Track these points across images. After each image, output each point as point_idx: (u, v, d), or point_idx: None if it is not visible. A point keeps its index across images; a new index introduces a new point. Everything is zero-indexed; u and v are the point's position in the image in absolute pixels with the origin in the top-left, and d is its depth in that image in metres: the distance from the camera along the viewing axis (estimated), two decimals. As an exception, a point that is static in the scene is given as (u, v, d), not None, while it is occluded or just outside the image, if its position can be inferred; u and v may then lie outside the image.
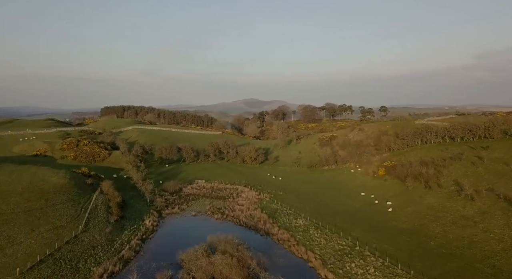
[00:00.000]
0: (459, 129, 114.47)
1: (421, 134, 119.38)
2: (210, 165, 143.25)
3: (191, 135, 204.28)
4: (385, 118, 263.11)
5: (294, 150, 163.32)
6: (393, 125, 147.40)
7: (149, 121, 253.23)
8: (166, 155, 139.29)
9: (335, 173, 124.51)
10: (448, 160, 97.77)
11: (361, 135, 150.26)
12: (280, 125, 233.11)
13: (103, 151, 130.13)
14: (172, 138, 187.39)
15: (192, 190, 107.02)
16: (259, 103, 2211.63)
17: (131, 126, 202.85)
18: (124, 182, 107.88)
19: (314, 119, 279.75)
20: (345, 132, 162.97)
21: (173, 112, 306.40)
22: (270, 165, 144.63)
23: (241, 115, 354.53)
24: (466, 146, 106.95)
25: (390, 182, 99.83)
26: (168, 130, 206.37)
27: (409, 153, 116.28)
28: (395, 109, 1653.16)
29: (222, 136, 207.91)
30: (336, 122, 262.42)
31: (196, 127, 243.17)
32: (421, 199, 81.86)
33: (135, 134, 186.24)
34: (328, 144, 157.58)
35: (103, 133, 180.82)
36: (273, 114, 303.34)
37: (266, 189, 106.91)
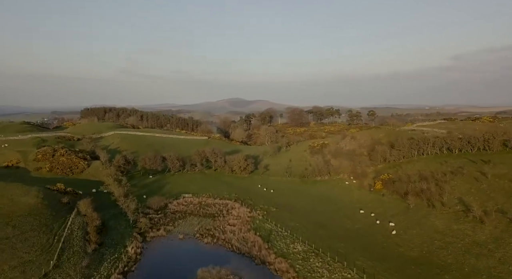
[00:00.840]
0: (457, 140, 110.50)
1: (418, 145, 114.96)
2: (197, 175, 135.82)
3: (176, 140, 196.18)
4: (373, 123, 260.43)
5: (284, 157, 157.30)
6: (386, 134, 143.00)
7: (132, 125, 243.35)
8: (150, 165, 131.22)
9: (329, 185, 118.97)
10: (449, 175, 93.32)
11: (353, 144, 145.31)
12: (268, 130, 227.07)
13: (81, 162, 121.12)
14: (156, 144, 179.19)
15: (178, 206, 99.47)
16: (243, 103, 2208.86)
17: (112, 131, 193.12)
18: (104, 197, 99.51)
19: (302, 122, 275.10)
20: (336, 140, 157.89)
21: (156, 114, 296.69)
22: (260, 174, 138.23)
23: (227, 117, 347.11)
24: (465, 158, 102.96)
25: (389, 198, 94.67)
26: (152, 135, 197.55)
27: (406, 165, 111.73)
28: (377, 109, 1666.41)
29: (208, 142, 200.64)
30: (324, 126, 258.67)
31: (180, 132, 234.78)
32: (425, 219, 76.79)
33: (116, 141, 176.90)
34: (319, 152, 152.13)
35: (82, 139, 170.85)
36: (260, 117, 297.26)
37: (258, 204, 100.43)
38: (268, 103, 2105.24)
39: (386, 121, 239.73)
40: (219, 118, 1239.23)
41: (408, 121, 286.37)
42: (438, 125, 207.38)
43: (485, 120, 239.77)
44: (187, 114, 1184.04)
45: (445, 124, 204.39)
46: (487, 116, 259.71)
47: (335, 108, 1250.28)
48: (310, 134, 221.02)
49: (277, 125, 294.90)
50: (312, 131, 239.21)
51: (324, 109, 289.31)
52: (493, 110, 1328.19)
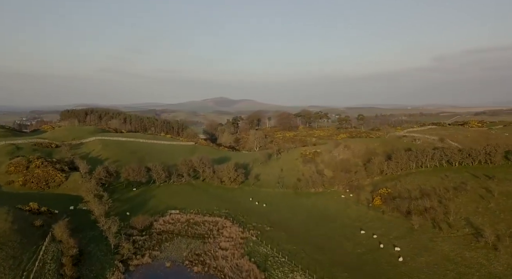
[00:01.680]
0: (457, 153, 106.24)
1: (416, 157, 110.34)
2: (184, 187, 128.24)
3: (161, 146, 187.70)
4: (362, 127, 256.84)
5: (275, 166, 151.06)
6: (381, 143, 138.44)
7: (115, 129, 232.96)
8: (134, 176, 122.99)
9: (324, 198, 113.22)
10: (452, 191, 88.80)
11: (347, 153, 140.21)
12: (256, 134, 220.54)
13: (59, 174, 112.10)
14: (140, 151, 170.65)
15: (165, 225, 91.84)
16: (228, 102, 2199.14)
17: (93, 136, 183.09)
18: (83, 216, 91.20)
19: (290, 126, 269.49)
20: (329, 148, 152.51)
21: (140, 117, 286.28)
22: (250, 185, 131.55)
23: (213, 120, 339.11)
24: (467, 172, 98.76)
25: (389, 216, 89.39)
26: (136, 141, 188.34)
27: (405, 178, 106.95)
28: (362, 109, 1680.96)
29: (195, 147, 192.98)
30: (313, 131, 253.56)
31: (166, 136, 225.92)
32: (433, 244, 71.59)
33: (98, 148, 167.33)
34: (311, 161, 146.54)
35: (61, 146, 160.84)
36: (248, 120, 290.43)
37: (250, 222, 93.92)
38: (254, 103, 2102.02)
39: (377, 127, 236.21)
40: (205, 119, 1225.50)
41: (397, 126, 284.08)
42: (429, 131, 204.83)
43: (474, 125, 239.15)
44: (171, 114, 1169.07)
45: (436, 130, 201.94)
46: (474, 121, 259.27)
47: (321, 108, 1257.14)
48: (300, 140, 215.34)
49: (265, 129, 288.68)
50: (301, 136, 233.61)
51: (312, 112, 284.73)
52: (472, 111, 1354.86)
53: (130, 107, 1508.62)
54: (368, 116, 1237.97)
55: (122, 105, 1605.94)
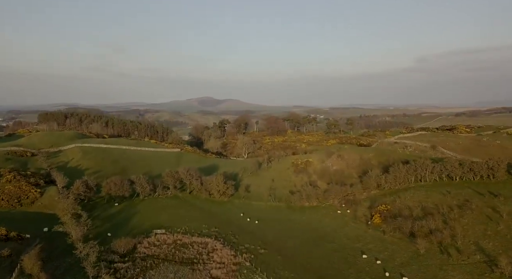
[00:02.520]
0: (458, 167, 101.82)
1: (416, 171, 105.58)
2: (170, 200, 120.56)
3: (145, 154, 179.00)
4: (352, 133, 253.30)
5: (266, 176, 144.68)
6: (376, 154, 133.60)
7: (96, 134, 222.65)
8: (116, 191, 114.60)
9: (319, 214, 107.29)
10: (457, 210, 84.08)
11: (341, 164, 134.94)
12: (245, 140, 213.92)
13: (33, 190, 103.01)
14: (123, 160, 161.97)
15: (150, 249, 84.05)
16: (213, 102, 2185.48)
17: (73, 143, 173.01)
18: (58, 240, 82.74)
19: (279, 130, 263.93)
20: (321, 157, 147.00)
21: (123, 121, 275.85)
22: (241, 198, 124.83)
23: (199, 123, 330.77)
24: (469, 188, 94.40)
25: (391, 237, 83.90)
26: (118, 148, 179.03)
27: (404, 194, 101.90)
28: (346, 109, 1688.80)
29: (181, 155, 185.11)
30: (302, 135, 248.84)
31: (150, 142, 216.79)
32: (443, 273, 66.23)
33: (77, 156, 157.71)
34: (303, 171, 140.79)
35: (37, 155, 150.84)
36: (235, 124, 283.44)
37: (243, 243, 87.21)
38: (239, 103, 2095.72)
39: (366, 132, 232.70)
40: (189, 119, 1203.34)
41: (385, 130, 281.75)
42: (419, 137, 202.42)
43: (463, 130, 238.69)
44: (155, 114, 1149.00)
45: (426, 137, 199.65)
46: (462, 125, 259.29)
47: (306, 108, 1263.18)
48: (289, 146, 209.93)
49: (253, 133, 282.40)
50: (290, 141, 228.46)
51: (300, 116, 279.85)
52: (453, 111, 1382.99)
53: (112, 107, 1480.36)
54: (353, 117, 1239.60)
55: (105, 104, 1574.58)
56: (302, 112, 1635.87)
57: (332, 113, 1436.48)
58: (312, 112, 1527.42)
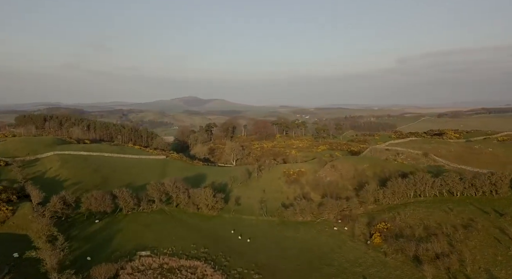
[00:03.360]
0: (459, 182, 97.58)
1: (415, 186, 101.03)
2: (156, 215, 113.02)
3: (128, 162, 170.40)
4: (341, 138, 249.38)
5: (256, 187, 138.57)
6: (371, 164, 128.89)
7: (76, 139, 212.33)
8: (97, 206, 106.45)
9: (314, 231, 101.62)
10: (462, 230, 79.69)
11: (334, 174, 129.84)
12: (233, 147, 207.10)
13: (3, 208, 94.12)
14: (105, 169, 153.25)
15: (133, 276, 76.82)
16: (198, 102, 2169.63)
17: (51, 150, 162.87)
18: (30, 267, 74.57)
19: (268, 135, 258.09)
20: (314, 167, 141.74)
21: (106, 124, 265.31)
22: (231, 212, 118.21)
23: (185, 127, 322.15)
24: (472, 205, 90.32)
25: (394, 260, 78.77)
26: (100, 156, 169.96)
27: (404, 210, 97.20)
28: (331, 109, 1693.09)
29: (167, 162, 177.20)
30: (291, 141, 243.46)
31: (134, 147, 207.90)
32: (455, 305, 61.31)
33: (56, 165, 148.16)
34: (296, 182, 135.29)
35: (12, 164, 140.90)
36: (222, 128, 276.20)
37: (235, 266, 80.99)
38: (225, 103, 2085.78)
39: (356, 138, 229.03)
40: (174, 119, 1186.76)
41: (375, 134, 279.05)
42: (410, 144, 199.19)
43: (452, 135, 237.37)
44: (139, 114, 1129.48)
45: (417, 143, 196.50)
46: (451, 130, 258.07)
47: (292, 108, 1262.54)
48: (279, 152, 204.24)
49: (240, 137, 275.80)
50: (279, 147, 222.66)
51: (289, 120, 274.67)
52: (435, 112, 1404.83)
53: (95, 106, 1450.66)
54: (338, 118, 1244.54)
55: (87, 104, 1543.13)
56: (288, 112, 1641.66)
57: (317, 114, 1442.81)
58: (298, 113, 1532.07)
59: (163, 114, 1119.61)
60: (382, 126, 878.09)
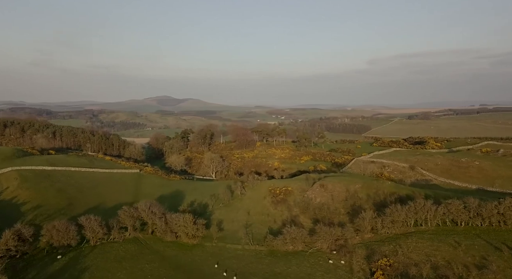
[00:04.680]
0: (464, 212, 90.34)
1: (416, 214, 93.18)
2: (128, 246, 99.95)
3: (98, 178, 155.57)
4: (323, 146, 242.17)
5: (240, 208, 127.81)
6: (364, 185, 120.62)
7: (40, 149, 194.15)
8: (60, 239, 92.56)
9: (307, 264, 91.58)
10: (475, 271, 71.89)
11: (325, 195, 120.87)
12: (212, 158, 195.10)
13: None
14: (71, 187, 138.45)
15: None
16: (172, 101, 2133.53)
17: (9, 166, 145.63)
18: None
19: (247, 143, 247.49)
20: (301, 185, 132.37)
21: (73, 131, 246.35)
22: (213, 240, 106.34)
23: (159, 133, 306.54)
24: (480, 238, 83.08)
25: (403, 307, 70.20)
26: (66, 171, 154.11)
27: (405, 241, 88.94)
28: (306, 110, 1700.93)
29: (140, 178, 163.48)
30: (272, 149, 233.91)
31: (105, 159, 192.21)
32: None
33: (13, 184, 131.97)
34: (283, 202, 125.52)
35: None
36: (199, 135, 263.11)
37: (222, 316, 70.07)
38: (200, 102, 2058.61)
39: (339, 148, 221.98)
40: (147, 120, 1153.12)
41: (356, 143, 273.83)
42: (395, 155, 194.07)
43: (433, 145, 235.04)
44: (110, 114, 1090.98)
45: (403, 155, 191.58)
46: (431, 139, 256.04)
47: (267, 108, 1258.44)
48: (261, 163, 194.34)
49: (219, 144, 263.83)
50: (261, 157, 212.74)
51: (269, 128, 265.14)
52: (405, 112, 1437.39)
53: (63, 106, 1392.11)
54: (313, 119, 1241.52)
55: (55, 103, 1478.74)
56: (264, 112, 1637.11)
57: (293, 115, 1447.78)
58: (273, 113, 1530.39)
59: (135, 114, 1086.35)
60: (356, 128, 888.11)
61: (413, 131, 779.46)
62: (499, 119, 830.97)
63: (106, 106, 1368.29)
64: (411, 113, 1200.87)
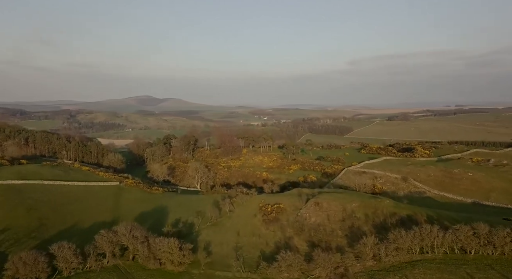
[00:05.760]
0: (473, 239, 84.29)
1: (422, 241, 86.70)
2: (107, 278, 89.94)
3: (73, 192, 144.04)
4: (311, 154, 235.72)
5: (229, 227, 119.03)
6: (361, 204, 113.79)
7: (10, 159, 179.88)
8: (27, 273, 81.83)
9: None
10: (493, 311, 65.66)
11: (320, 215, 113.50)
12: (197, 168, 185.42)
13: None
14: (43, 205, 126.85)
15: None
16: (153, 101, 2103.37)
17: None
18: None
19: (233, 150, 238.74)
20: (294, 202, 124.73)
21: (48, 138, 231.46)
22: (201, 267, 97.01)
23: (140, 139, 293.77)
24: (494, 270, 76.86)
25: None
26: (38, 184, 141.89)
27: (411, 272, 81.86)
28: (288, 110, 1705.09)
29: (120, 192, 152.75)
30: (258, 157, 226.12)
31: (81, 169, 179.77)
32: None
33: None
34: (275, 221, 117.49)
35: None
36: (183, 141, 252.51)
37: None
38: (181, 102, 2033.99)
39: (328, 156, 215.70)
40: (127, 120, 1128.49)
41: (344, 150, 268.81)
42: (386, 165, 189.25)
43: (422, 152, 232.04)
44: (88, 115, 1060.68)
45: (395, 166, 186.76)
46: (420, 147, 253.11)
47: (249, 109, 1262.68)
48: (249, 174, 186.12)
49: (203, 151, 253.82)
50: (248, 166, 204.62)
51: (256, 134, 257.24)
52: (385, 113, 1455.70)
53: (39, 105, 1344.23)
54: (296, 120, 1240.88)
55: (29, 103, 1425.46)
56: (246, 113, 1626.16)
57: (275, 115, 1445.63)
58: (256, 114, 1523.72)
59: (115, 115, 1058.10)
60: (339, 129, 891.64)
61: (394, 133, 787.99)
62: (476, 121, 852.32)
63: (84, 106, 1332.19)
64: (390, 114, 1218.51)
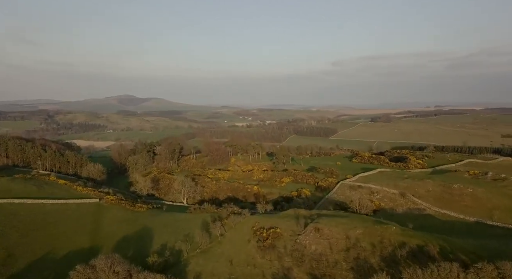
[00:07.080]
0: (491, 271, 76.56)
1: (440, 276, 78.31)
2: (83, 325, 78.43)
3: (48, 213, 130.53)
4: (302, 164, 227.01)
5: (221, 255, 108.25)
6: (365, 231, 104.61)
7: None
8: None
9: None
10: None
11: (321, 243, 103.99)
12: (183, 181, 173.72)
13: None
14: (11, 231, 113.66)
15: None
16: (135, 100, 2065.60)
17: None
18: None
19: (221, 159, 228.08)
20: (291, 226, 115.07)
21: (21, 145, 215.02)
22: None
23: (122, 146, 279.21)
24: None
25: None
26: (7, 204, 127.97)
27: (430, 316, 73.84)
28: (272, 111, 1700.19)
29: (100, 210, 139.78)
30: (247, 166, 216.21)
31: (58, 182, 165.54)
32: None
33: None
34: (271, 248, 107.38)
35: None
36: (168, 149, 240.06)
37: None
38: (164, 102, 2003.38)
39: (321, 168, 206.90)
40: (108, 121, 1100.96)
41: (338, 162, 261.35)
42: (382, 178, 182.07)
43: (415, 162, 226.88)
44: (68, 115, 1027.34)
45: (391, 179, 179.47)
46: (413, 156, 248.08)
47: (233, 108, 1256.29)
48: (239, 188, 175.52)
49: (189, 160, 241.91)
50: (238, 177, 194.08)
51: (245, 143, 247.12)
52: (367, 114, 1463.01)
53: (15, 105, 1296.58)
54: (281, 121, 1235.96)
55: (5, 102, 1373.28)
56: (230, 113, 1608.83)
57: (259, 116, 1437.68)
58: (240, 114, 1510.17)
59: (95, 115, 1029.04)
60: (323, 131, 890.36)
61: (378, 135, 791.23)
62: (456, 123, 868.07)
63: (63, 106, 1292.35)
64: (373, 114, 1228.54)
